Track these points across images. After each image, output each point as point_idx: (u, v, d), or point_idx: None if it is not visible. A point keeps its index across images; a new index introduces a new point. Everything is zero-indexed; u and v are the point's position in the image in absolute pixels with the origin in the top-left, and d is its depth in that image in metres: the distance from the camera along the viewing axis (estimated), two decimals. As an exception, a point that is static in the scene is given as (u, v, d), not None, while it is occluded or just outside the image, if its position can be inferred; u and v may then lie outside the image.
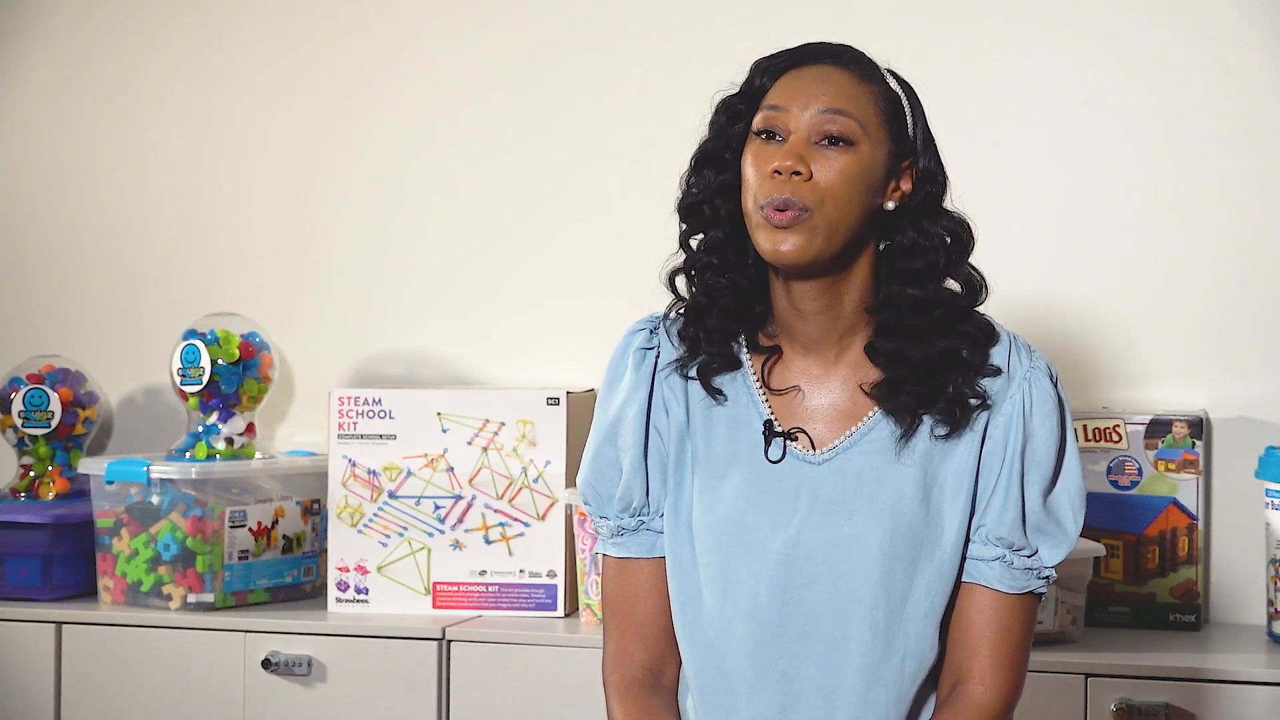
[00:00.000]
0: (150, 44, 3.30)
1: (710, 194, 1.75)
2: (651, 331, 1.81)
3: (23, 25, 3.36)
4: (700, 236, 1.77)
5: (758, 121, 1.72)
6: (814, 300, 1.72)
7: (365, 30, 3.19)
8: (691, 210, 1.77)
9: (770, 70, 1.74)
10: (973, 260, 1.76)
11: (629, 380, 1.80)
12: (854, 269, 1.73)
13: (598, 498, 1.82)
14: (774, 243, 1.68)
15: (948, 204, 1.75)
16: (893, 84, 1.74)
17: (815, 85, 1.70)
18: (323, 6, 3.21)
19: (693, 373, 1.78)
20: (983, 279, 1.75)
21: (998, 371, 1.72)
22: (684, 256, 1.79)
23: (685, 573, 1.77)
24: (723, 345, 1.76)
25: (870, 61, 1.74)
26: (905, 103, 1.74)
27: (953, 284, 1.75)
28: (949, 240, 1.73)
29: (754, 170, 1.70)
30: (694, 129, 1.78)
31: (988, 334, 1.73)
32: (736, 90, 1.76)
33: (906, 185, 1.73)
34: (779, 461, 1.73)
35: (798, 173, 1.66)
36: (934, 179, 1.74)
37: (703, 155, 1.77)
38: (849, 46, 1.75)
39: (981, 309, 1.76)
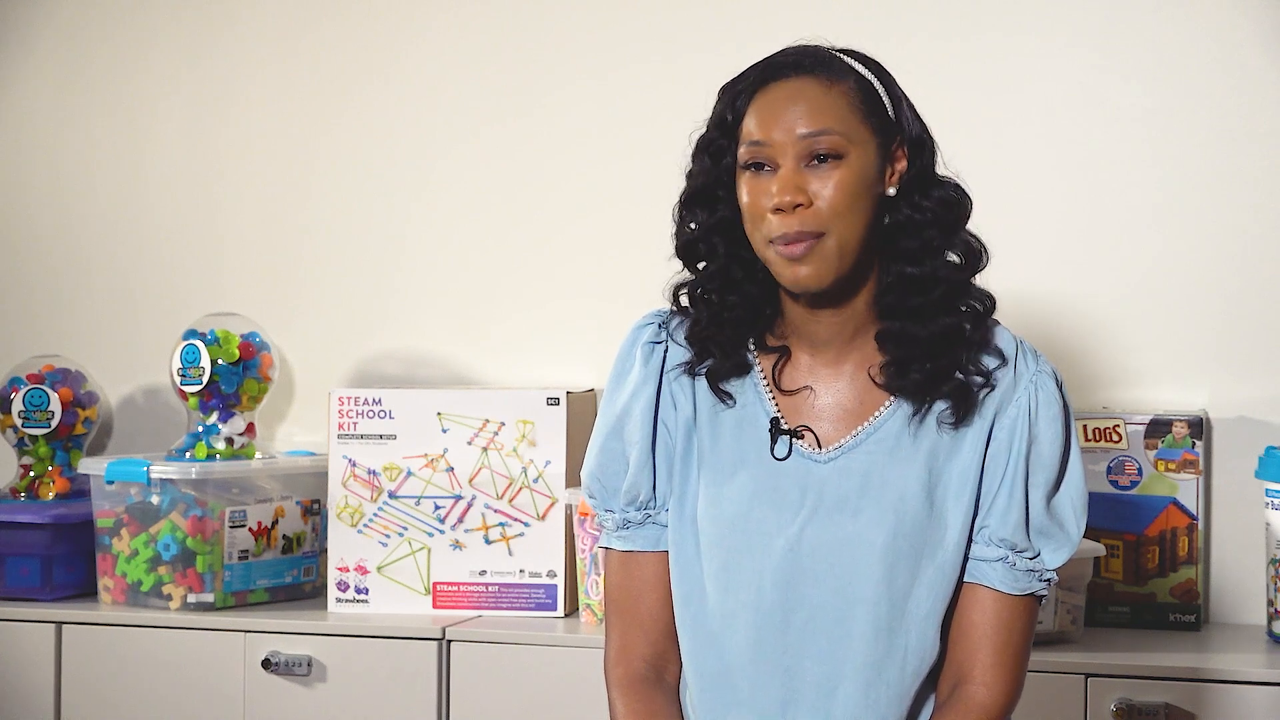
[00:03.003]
0: (150, 44, 3.30)
1: (707, 232, 1.75)
2: (660, 326, 1.81)
3: (23, 25, 3.36)
4: (703, 265, 1.77)
5: (743, 156, 1.70)
6: (828, 302, 1.73)
7: (365, 30, 3.19)
8: (688, 248, 1.77)
9: (740, 95, 1.72)
10: (971, 227, 1.75)
11: (637, 374, 1.80)
12: (865, 267, 1.73)
13: (603, 491, 1.82)
14: (794, 273, 1.68)
15: (940, 169, 1.75)
16: (860, 69, 1.72)
17: (789, 108, 1.68)
18: (323, 6, 3.21)
19: (701, 370, 1.78)
20: (981, 245, 1.74)
21: (1001, 352, 1.72)
22: (687, 273, 1.79)
23: (688, 567, 1.77)
24: (734, 353, 1.76)
25: (832, 56, 1.72)
26: (878, 84, 1.73)
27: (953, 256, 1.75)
28: (943, 209, 1.72)
29: (754, 205, 1.69)
30: (695, 129, 1.77)
31: (989, 304, 1.74)
32: (710, 124, 1.74)
33: (901, 164, 1.73)
34: (785, 459, 1.73)
35: (799, 204, 1.66)
36: (924, 146, 1.73)
37: (693, 194, 1.76)
38: (809, 49, 1.73)
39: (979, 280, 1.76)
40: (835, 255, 1.67)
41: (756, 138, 1.69)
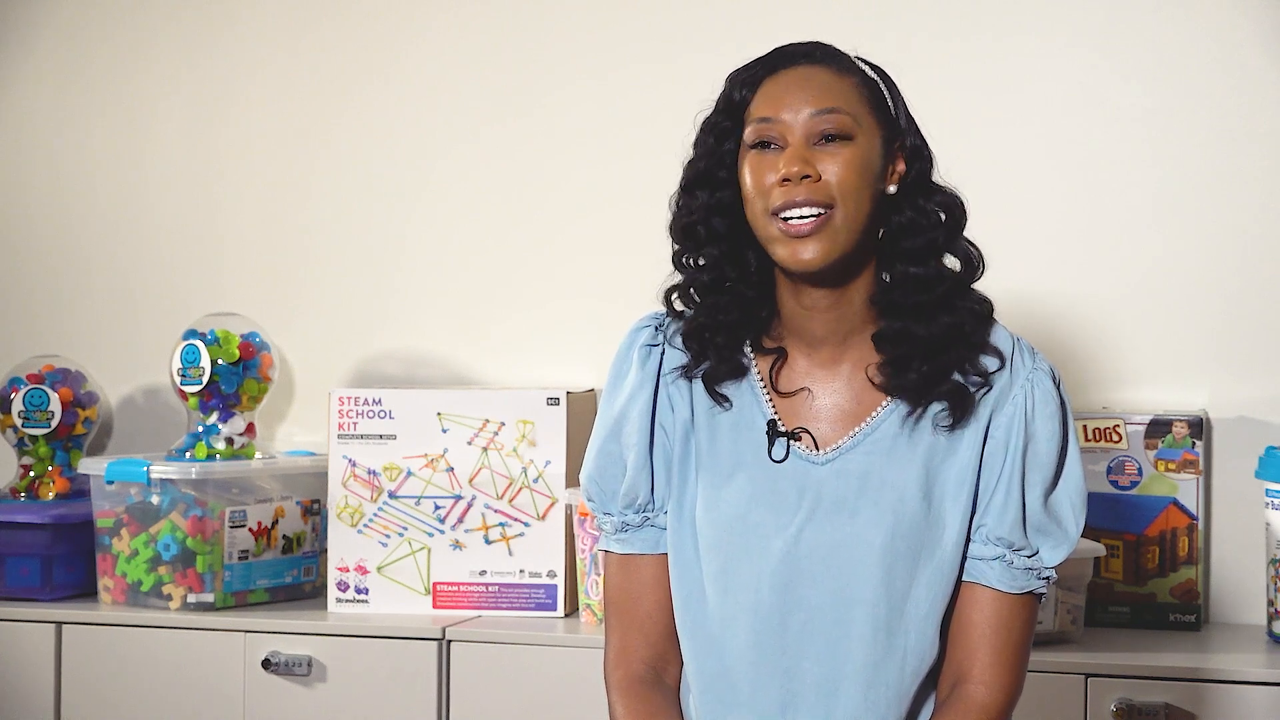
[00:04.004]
0: (150, 44, 3.30)
1: (706, 214, 1.75)
2: (656, 329, 1.81)
3: (23, 25, 3.36)
4: (698, 257, 1.77)
5: (749, 135, 1.71)
6: (825, 298, 1.73)
7: (365, 30, 3.19)
8: (687, 232, 1.77)
9: (748, 81, 1.73)
10: (968, 235, 1.76)
11: (634, 377, 1.80)
12: (862, 261, 1.73)
13: (601, 494, 1.82)
14: (794, 252, 1.68)
15: (937, 179, 1.76)
16: (867, 71, 1.75)
17: (799, 88, 1.70)
18: (323, 6, 3.21)
19: (698, 373, 1.78)
20: (979, 253, 1.75)
21: (999, 353, 1.72)
22: (679, 275, 1.79)
23: (688, 570, 1.77)
24: (730, 357, 1.76)
25: (841, 53, 1.75)
26: (883, 87, 1.75)
27: (951, 262, 1.75)
28: (944, 216, 1.74)
29: (758, 182, 1.69)
30: (700, 111, 1.78)
31: (987, 308, 1.74)
32: (716, 107, 1.75)
33: (900, 166, 1.74)
34: (782, 461, 1.73)
35: (807, 176, 1.67)
36: (922, 155, 1.75)
37: (694, 176, 1.76)
38: (819, 43, 1.75)
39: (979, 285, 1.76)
40: (841, 233, 1.68)
41: (764, 114, 1.70)
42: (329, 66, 3.21)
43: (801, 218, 1.67)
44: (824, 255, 1.68)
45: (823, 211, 1.67)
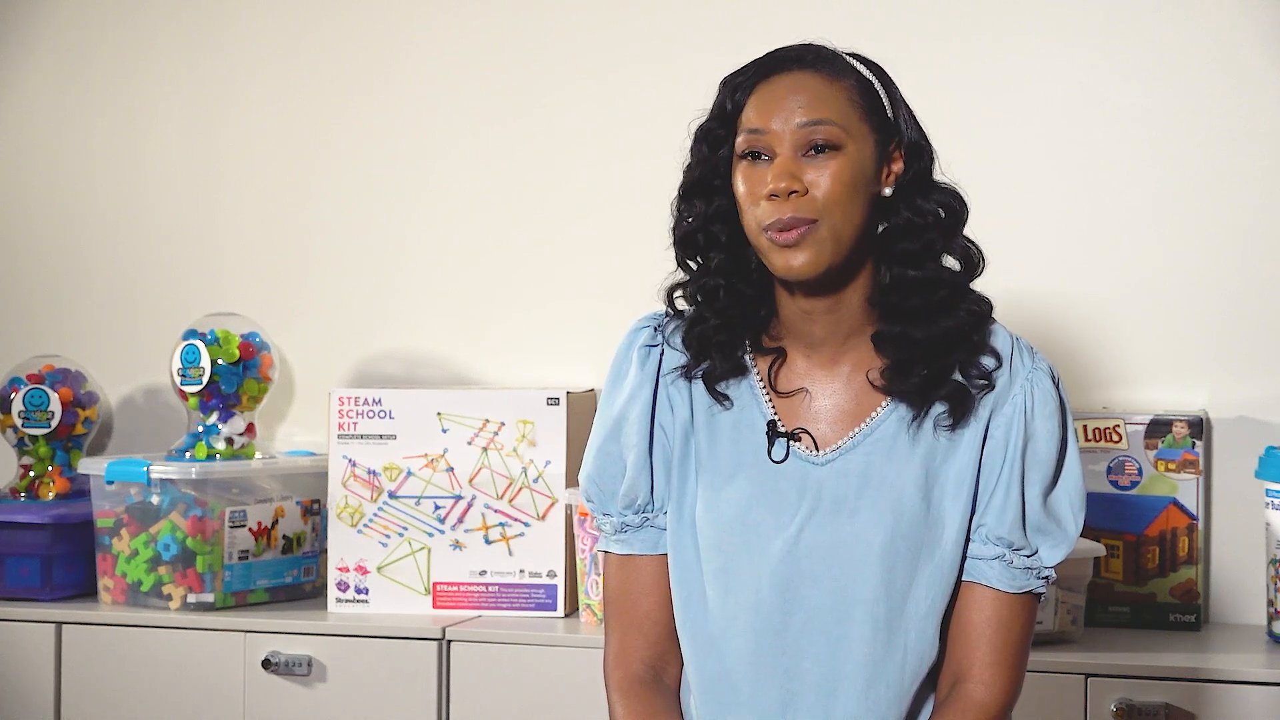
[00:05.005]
0: (150, 44, 3.30)
1: (704, 221, 1.75)
2: (656, 329, 1.81)
3: (23, 25, 3.36)
4: (698, 260, 1.77)
5: (740, 145, 1.71)
6: (822, 302, 1.73)
7: (365, 30, 3.19)
8: (687, 239, 1.77)
9: (740, 87, 1.73)
10: (968, 232, 1.75)
11: (634, 377, 1.80)
12: (858, 264, 1.73)
13: (601, 495, 1.82)
14: (786, 260, 1.68)
15: (938, 174, 1.75)
16: (862, 70, 1.74)
17: (789, 98, 1.69)
18: (323, 6, 3.21)
19: (698, 373, 1.78)
20: (979, 251, 1.75)
21: (998, 353, 1.72)
22: (681, 274, 1.79)
23: (688, 570, 1.77)
24: (731, 355, 1.76)
25: (834, 55, 1.74)
26: (879, 86, 1.74)
27: (951, 261, 1.75)
28: (942, 214, 1.73)
29: (748, 194, 1.70)
30: (695, 118, 1.78)
31: (986, 308, 1.74)
32: (710, 114, 1.75)
33: (898, 166, 1.74)
34: (782, 462, 1.73)
35: (794, 191, 1.67)
36: (921, 152, 1.74)
37: (690, 184, 1.77)
38: (812, 46, 1.74)
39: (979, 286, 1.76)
40: (829, 243, 1.68)
41: (755, 126, 1.70)
42: (329, 66, 3.21)
43: (786, 230, 1.67)
44: (814, 264, 1.68)
45: (809, 225, 1.67)
